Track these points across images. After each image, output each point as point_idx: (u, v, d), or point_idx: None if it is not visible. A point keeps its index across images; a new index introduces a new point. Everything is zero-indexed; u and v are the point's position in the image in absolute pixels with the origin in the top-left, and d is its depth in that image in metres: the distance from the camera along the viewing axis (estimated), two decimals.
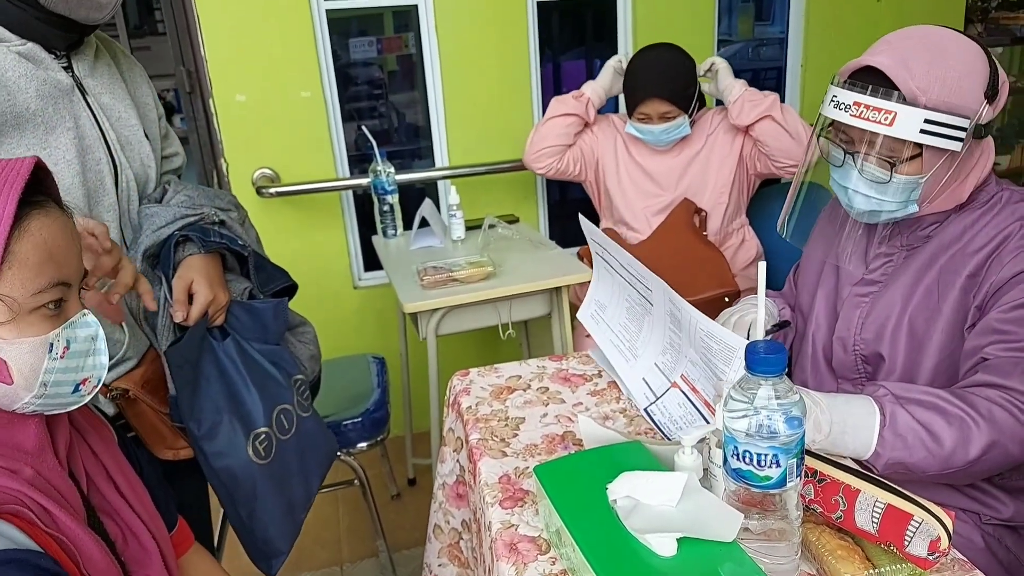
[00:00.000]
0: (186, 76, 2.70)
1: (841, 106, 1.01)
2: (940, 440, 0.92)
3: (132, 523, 0.84)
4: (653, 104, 1.95)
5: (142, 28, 5.08)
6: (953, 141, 0.97)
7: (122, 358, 1.09)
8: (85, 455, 0.83)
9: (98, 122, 1.08)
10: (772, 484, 0.73)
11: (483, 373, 1.30)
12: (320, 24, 2.29)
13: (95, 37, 1.13)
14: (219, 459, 1.12)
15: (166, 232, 1.12)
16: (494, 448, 1.06)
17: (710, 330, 0.95)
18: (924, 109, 0.95)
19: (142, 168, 1.15)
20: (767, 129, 1.91)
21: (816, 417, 0.90)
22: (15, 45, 0.99)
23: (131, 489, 0.87)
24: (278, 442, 1.19)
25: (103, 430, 0.90)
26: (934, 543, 0.72)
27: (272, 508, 1.18)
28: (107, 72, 1.13)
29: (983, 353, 0.99)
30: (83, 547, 0.72)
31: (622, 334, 1.22)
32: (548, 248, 2.06)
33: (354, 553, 2.18)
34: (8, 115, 0.97)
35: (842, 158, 1.06)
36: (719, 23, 2.65)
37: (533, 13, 2.44)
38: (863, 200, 1.05)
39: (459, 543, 1.23)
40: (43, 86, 1.01)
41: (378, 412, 1.88)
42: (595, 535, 0.76)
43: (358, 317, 2.59)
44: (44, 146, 1.01)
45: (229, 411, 1.13)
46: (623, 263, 1.17)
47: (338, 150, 2.43)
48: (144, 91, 1.22)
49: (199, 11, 2.16)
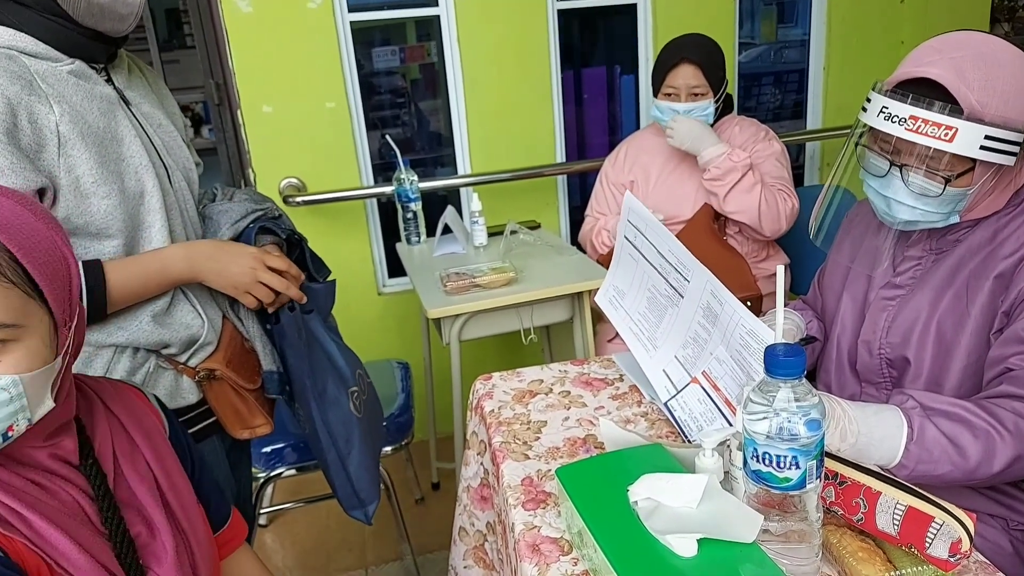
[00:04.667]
0: (215, 88, 2.76)
1: (894, 119, 0.97)
2: (966, 454, 0.92)
3: (156, 520, 0.84)
4: (684, 71, 1.90)
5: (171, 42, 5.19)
6: (1008, 156, 0.95)
7: (203, 343, 1.14)
8: (121, 448, 0.84)
9: (144, 129, 1.12)
10: (792, 486, 0.73)
11: (505, 377, 1.31)
12: (344, 36, 2.34)
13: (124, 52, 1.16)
14: (330, 412, 1.27)
15: (243, 224, 1.22)
16: (517, 451, 1.08)
17: (753, 328, 0.94)
18: (985, 125, 0.93)
19: (186, 171, 1.20)
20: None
21: (844, 426, 0.90)
22: (65, 64, 1.01)
23: (169, 484, 0.87)
24: (363, 399, 1.35)
25: (149, 421, 0.91)
26: (955, 545, 0.72)
27: (367, 458, 1.32)
28: (140, 84, 1.17)
29: (1008, 363, 0.97)
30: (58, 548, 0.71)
31: (641, 323, 1.22)
32: (569, 253, 2.07)
33: (379, 557, 2.20)
34: (88, 137, 0.99)
35: (886, 168, 1.03)
36: (741, 26, 2.65)
37: (554, 21, 2.46)
38: (907, 211, 1.03)
39: (484, 545, 1.24)
40: (101, 103, 1.04)
41: (402, 417, 1.91)
42: (616, 536, 0.77)
43: (382, 323, 2.62)
44: (122, 158, 1.05)
45: (331, 372, 1.29)
46: (660, 250, 1.15)
47: (362, 159, 2.48)
48: (171, 102, 1.27)
49: (227, 25, 2.22)
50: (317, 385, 1.26)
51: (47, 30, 1.00)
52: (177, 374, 1.12)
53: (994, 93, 0.94)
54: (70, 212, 0.98)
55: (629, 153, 2.14)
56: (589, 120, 2.82)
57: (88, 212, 1.00)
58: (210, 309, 1.17)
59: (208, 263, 1.11)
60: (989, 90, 0.94)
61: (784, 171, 1.98)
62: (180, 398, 1.12)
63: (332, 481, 1.32)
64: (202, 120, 5.02)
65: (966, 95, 0.94)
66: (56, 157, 0.97)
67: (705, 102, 1.93)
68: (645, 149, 2.11)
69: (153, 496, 0.84)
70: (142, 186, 1.07)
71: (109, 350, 1.06)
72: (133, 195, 1.06)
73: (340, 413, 1.28)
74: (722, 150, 1.89)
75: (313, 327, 1.27)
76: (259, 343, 1.24)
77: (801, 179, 2.95)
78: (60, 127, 0.97)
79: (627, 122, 2.79)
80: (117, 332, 1.05)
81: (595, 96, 2.79)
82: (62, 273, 0.73)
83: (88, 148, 0.99)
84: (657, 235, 1.16)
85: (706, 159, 1.91)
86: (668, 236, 1.13)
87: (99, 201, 1.00)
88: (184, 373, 1.13)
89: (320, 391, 1.26)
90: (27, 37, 0.98)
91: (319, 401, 1.26)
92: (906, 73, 1.00)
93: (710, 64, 1.92)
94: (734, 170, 1.88)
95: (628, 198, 1.22)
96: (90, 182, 0.99)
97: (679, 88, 1.93)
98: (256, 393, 1.22)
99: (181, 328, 1.11)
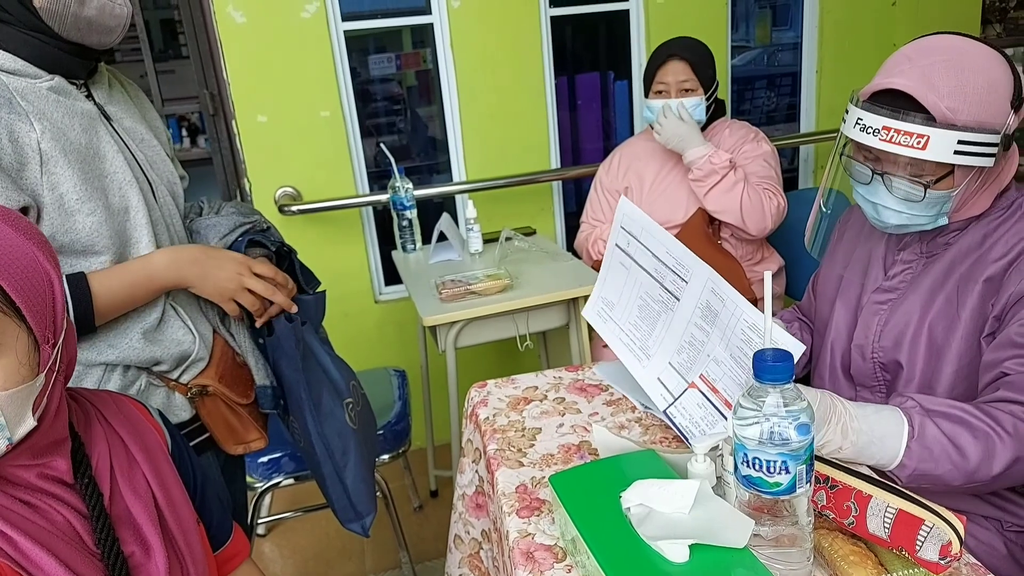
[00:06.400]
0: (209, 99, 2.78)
1: (868, 130, 0.99)
2: (966, 454, 0.92)
3: (151, 539, 0.82)
4: (673, 67, 1.93)
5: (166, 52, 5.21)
6: (986, 158, 0.96)
7: (195, 359, 1.14)
8: (120, 464, 0.83)
9: (127, 145, 1.12)
10: (782, 490, 0.74)
11: (500, 384, 1.32)
12: (338, 45, 2.35)
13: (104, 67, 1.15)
14: (325, 425, 1.26)
15: (232, 238, 1.22)
16: (511, 458, 1.08)
17: (755, 322, 0.95)
18: (957, 131, 0.94)
19: (170, 185, 1.20)
20: None
21: (845, 423, 0.90)
22: (44, 81, 1.00)
23: (168, 502, 0.86)
24: (358, 411, 1.34)
25: (150, 437, 0.89)
26: (945, 547, 0.73)
27: (363, 470, 1.32)
28: (122, 98, 1.16)
29: (1003, 368, 0.98)
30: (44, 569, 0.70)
31: (632, 332, 1.21)
32: (564, 259, 2.08)
33: (378, 564, 2.20)
34: (70, 154, 0.99)
35: (870, 176, 1.04)
36: (736, 29, 2.66)
37: (547, 27, 2.48)
38: (895, 215, 1.04)
39: (479, 553, 1.24)
40: (82, 119, 1.03)
41: (399, 425, 1.91)
42: (609, 542, 0.78)
43: (379, 331, 2.63)
44: (105, 174, 1.04)
45: (326, 384, 1.28)
46: (656, 253, 1.15)
47: (358, 167, 2.48)
48: (153, 115, 1.26)
49: (221, 36, 2.23)
50: (312, 397, 1.25)
51: (26, 46, 0.98)
52: (169, 391, 1.12)
53: (965, 98, 0.95)
54: (55, 230, 0.98)
55: (623, 160, 2.15)
56: (583, 126, 2.83)
57: (74, 229, 0.99)
58: (201, 325, 1.17)
59: (193, 267, 1.09)
60: (959, 95, 0.95)
61: (772, 171, 1.99)
62: (173, 415, 1.11)
63: (328, 495, 1.31)
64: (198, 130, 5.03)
65: (935, 103, 0.95)
66: (39, 175, 0.96)
67: (695, 98, 1.95)
68: (638, 155, 2.12)
69: (149, 514, 0.83)
70: (127, 202, 1.06)
71: (99, 368, 1.05)
72: (118, 211, 1.05)
73: (336, 425, 1.27)
74: (705, 151, 1.91)
75: (308, 339, 1.27)
76: (251, 357, 1.23)
77: (795, 182, 2.96)
78: (42, 144, 0.96)
79: (621, 127, 2.80)
80: (107, 350, 1.05)
81: (589, 102, 2.80)
82: (42, 289, 0.71)
83: (71, 165, 0.99)
84: (654, 237, 1.15)
85: (690, 159, 1.93)
86: (667, 236, 1.13)
87: (84, 218, 0.99)
88: (176, 390, 1.12)
89: (316, 403, 1.26)
90: (5, 54, 0.97)
91: (315, 414, 1.25)
92: (877, 84, 1.01)
93: (699, 61, 1.94)
94: (714, 172, 1.90)
95: (623, 203, 1.22)
96: (74, 199, 0.99)
97: (669, 84, 1.95)
98: (249, 408, 1.22)
99: (172, 344, 1.10)
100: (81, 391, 0.88)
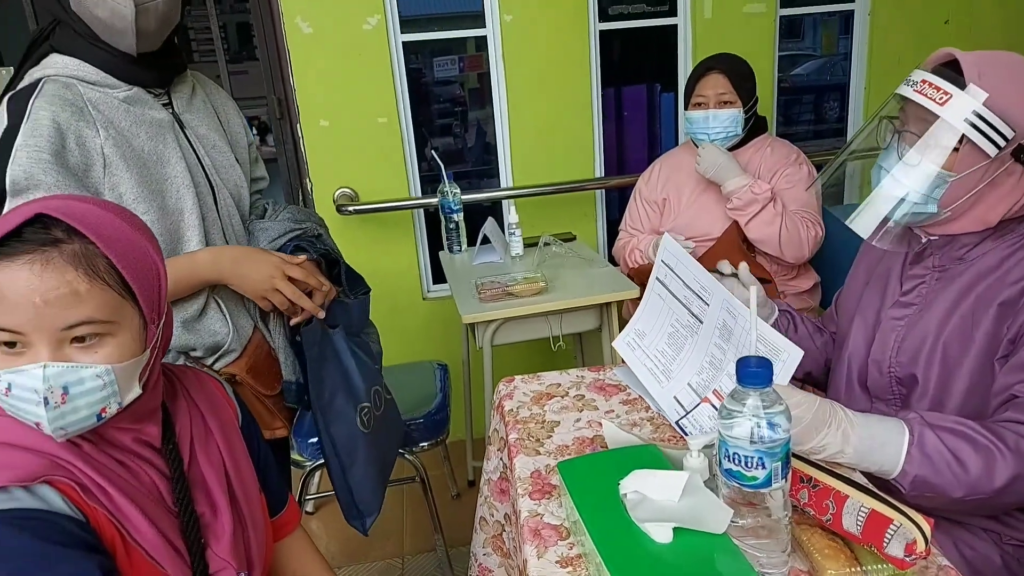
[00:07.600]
0: (276, 104, 2.96)
1: (909, 82, 1.05)
2: (966, 466, 0.96)
3: (219, 502, 0.92)
4: (712, 79, 1.99)
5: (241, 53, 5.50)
6: (991, 145, 0.99)
7: (227, 350, 1.25)
8: (198, 434, 0.94)
9: (195, 151, 1.24)
10: (759, 484, 0.82)
11: (527, 380, 1.42)
12: (397, 55, 2.48)
13: (190, 75, 1.28)
14: (335, 425, 1.33)
15: (280, 242, 1.30)
16: (529, 447, 1.18)
17: (763, 334, 1.02)
18: (977, 102, 0.98)
19: (236, 189, 1.31)
20: None
21: (845, 428, 0.96)
22: (121, 91, 1.12)
23: (236, 471, 0.97)
24: (374, 416, 1.40)
25: (225, 413, 1.00)
26: (910, 546, 0.79)
27: (371, 471, 1.38)
28: (202, 106, 1.28)
29: (1013, 391, 1.01)
30: (132, 521, 0.80)
31: (657, 359, 1.28)
32: (600, 265, 2.16)
33: (415, 547, 2.33)
34: (131, 159, 1.13)
35: (889, 139, 1.09)
36: (802, 37, 2.67)
37: (595, 41, 2.56)
38: (890, 182, 1.07)
39: (502, 535, 1.34)
40: (150, 127, 1.15)
41: (439, 415, 2.03)
42: (604, 524, 0.87)
43: (426, 326, 2.76)
44: (164, 178, 1.17)
45: (343, 387, 1.35)
46: (685, 280, 1.21)
47: (411, 171, 2.61)
48: (235, 122, 1.37)
49: (289, 45, 2.39)
50: (323, 397, 1.32)
51: (100, 59, 1.11)
52: None
53: (1000, 86, 0.98)
54: None
55: (663, 171, 2.21)
56: (629, 136, 2.90)
57: None
58: (241, 318, 1.27)
59: (231, 266, 1.20)
60: (998, 82, 0.99)
61: (812, 198, 2.01)
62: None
63: (335, 488, 1.39)
64: (268, 129, 5.29)
65: (973, 71, 0.99)
66: (102, 176, 1.10)
67: (734, 111, 1.99)
68: (678, 167, 2.18)
69: (220, 481, 0.94)
70: (182, 204, 1.18)
71: None
72: (173, 211, 1.17)
73: (346, 427, 1.34)
74: (744, 181, 1.95)
75: (335, 342, 1.34)
76: (283, 354, 1.33)
77: (840, 196, 2.96)
78: (105, 149, 1.09)
79: (666, 138, 2.86)
80: None
81: (635, 113, 2.87)
82: (152, 277, 0.83)
83: (129, 169, 1.11)
84: (686, 267, 1.22)
85: (728, 189, 1.97)
86: (695, 265, 1.20)
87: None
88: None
89: (326, 403, 1.32)
90: (89, 67, 1.10)
91: (324, 412, 1.32)
92: (947, 53, 1.06)
93: (737, 74, 2.00)
94: (755, 202, 1.94)
95: (666, 239, 1.27)
96: (131, 199, 1.12)
97: (708, 96, 2.00)
98: (275, 399, 1.32)
99: (207, 335, 1.22)
100: (171, 367, 1.01)
